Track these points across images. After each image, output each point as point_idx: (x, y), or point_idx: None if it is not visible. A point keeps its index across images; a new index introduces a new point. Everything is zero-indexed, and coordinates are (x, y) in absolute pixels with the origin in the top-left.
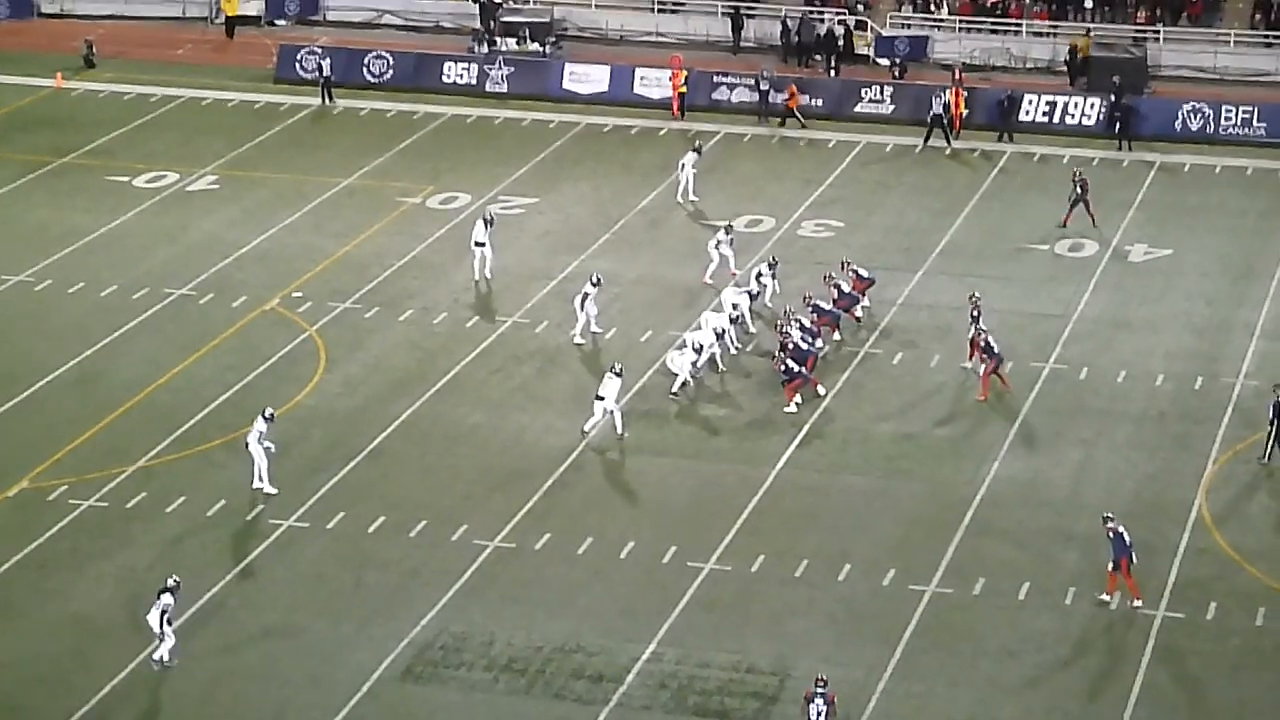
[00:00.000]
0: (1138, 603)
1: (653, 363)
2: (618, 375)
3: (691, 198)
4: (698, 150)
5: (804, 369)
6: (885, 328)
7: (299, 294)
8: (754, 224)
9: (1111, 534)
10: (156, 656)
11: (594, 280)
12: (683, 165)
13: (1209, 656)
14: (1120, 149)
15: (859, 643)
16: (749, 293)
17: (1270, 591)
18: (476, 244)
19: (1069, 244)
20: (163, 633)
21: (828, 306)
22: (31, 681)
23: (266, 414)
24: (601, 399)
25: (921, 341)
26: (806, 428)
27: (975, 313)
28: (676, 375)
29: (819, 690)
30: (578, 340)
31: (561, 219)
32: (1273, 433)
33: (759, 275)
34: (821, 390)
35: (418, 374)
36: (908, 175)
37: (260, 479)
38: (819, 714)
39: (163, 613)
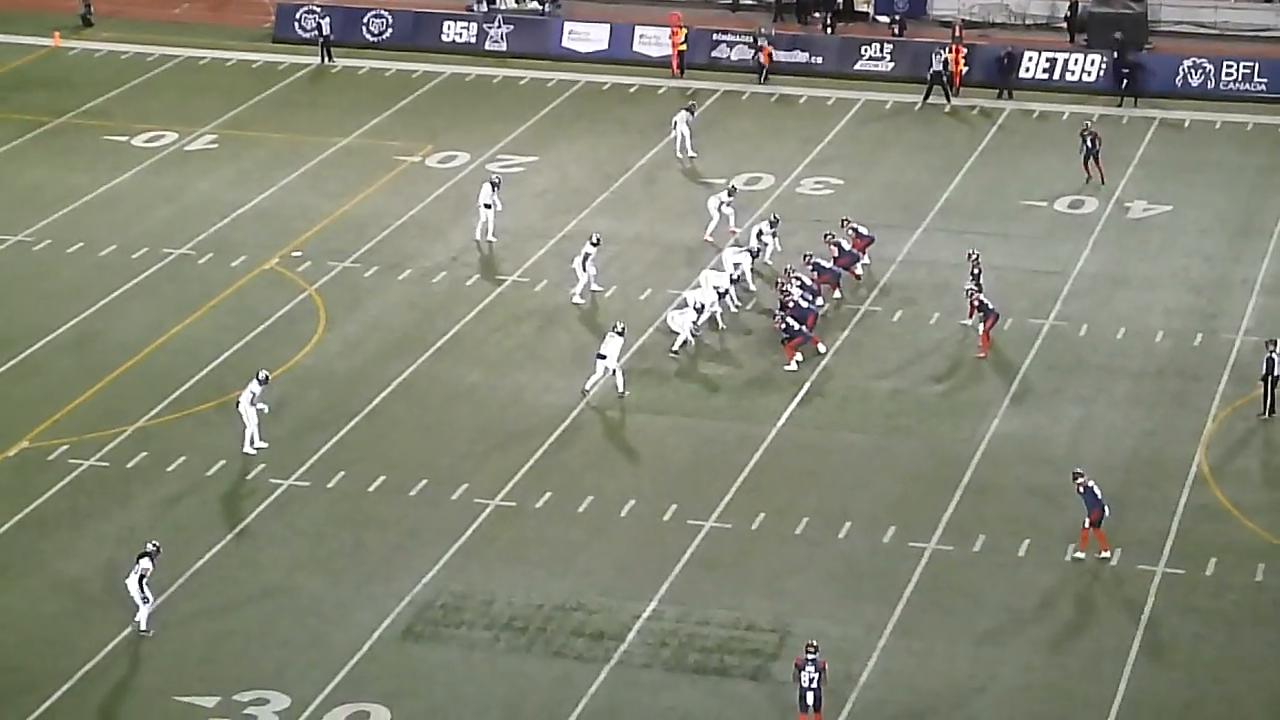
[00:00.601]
0: (1106, 553)
1: (652, 321)
2: (619, 334)
3: (690, 154)
4: (690, 110)
5: (804, 327)
6: (885, 285)
7: (298, 254)
8: (753, 182)
9: (1082, 489)
10: (145, 627)
11: (593, 240)
12: (675, 124)
13: (1209, 612)
14: (1122, 105)
15: (859, 600)
16: (749, 251)
17: (1270, 547)
18: (484, 206)
19: (1068, 201)
20: (145, 597)
21: (828, 264)
22: (31, 641)
23: (261, 376)
24: (603, 357)
25: (921, 299)
26: (806, 386)
27: (975, 270)
28: (677, 334)
29: (810, 657)
30: (577, 300)
31: (560, 178)
32: (1268, 389)
33: (760, 234)
34: (822, 348)
35: (417, 334)
36: (907, 133)
37: (250, 442)
38: (810, 680)
39: (141, 577)
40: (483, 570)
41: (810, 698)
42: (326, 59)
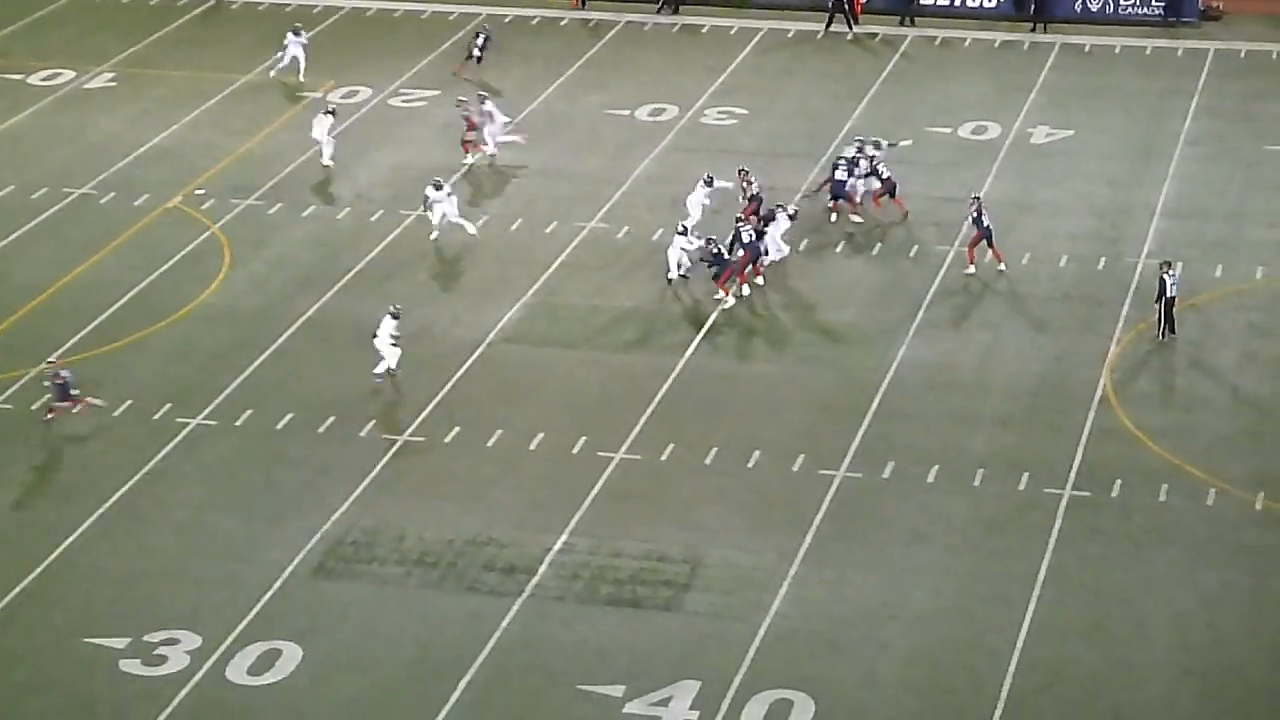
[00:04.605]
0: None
1: (559, 253)
2: (395, 317)
3: (272, 73)
4: (296, 31)
5: (730, 256)
6: (790, 215)
7: (201, 191)
8: (657, 113)
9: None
10: None
11: (435, 184)
12: (286, 45)
13: (1114, 534)
14: (1034, 31)
15: (770, 529)
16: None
17: (1173, 468)
18: (329, 135)
19: (972, 127)
20: None
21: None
22: None
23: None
24: (376, 337)
25: (827, 228)
26: (714, 316)
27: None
28: (678, 261)
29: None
30: (432, 237)
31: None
32: (1161, 311)
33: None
34: (761, 281)
35: (322, 270)
36: (810, 61)
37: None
38: None
39: None
40: (393, 506)
41: None
42: None
